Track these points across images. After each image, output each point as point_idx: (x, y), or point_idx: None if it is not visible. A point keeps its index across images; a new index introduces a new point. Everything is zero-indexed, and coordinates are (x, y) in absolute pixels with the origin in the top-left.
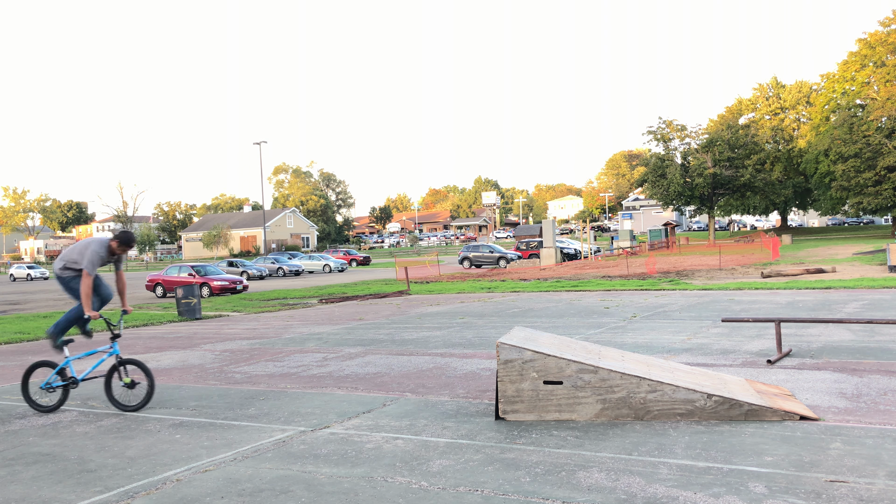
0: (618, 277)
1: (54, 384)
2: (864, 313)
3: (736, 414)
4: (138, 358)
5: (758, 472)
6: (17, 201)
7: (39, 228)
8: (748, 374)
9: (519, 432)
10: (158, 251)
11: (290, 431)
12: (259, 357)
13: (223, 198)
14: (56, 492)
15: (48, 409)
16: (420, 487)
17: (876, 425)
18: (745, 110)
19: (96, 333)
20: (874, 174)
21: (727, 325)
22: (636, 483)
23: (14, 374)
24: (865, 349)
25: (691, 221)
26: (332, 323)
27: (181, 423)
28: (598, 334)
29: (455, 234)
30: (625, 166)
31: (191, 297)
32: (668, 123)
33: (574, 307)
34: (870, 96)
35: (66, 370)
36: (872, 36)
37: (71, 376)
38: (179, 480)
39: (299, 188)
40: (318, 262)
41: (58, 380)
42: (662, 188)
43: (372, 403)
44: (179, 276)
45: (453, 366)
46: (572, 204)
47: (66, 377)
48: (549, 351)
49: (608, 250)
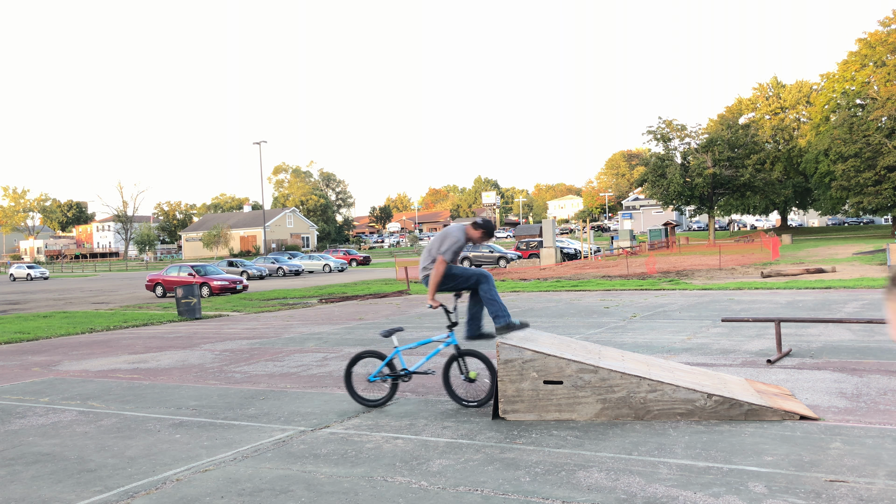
0: (618, 277)
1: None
2: (864, 313)
3: (736, 414)
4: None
5: (758, 472)
6: (17, 201)
7: (39, 228)
8: (748, 373)
9: (519, 432)
10: (158, 251)
11: (290, 431)
12: (259, 357)
13: (223, 198)
14: (56, 491)
15: (376, 404)
16: (420, 487)
17: (876, 425)
18: (745, 110)
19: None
20: (874, 174)
21: (727, 324)
22: (636, 483)
23: (14, 374)
24: (865, 349)
25: (691, 221)
26: (332, 323)
27: (181, 423)
28: (598, 334)
29: None
30: (625, 166)
31: (191, 296)
32: (668, 123)
33: (574, 307)
34: (870, 96)
35: (396, 361)
36: (872, 36)
37: (402, 368)
38: (179, 480)
39: (299, 188)
40: (317, 261)
41: (387, 371)
42: (662, 188)
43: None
44: (179, 275)
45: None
46: (572, 204)
47: (395, 369)
48: (549, 350)
49: (608, 250)
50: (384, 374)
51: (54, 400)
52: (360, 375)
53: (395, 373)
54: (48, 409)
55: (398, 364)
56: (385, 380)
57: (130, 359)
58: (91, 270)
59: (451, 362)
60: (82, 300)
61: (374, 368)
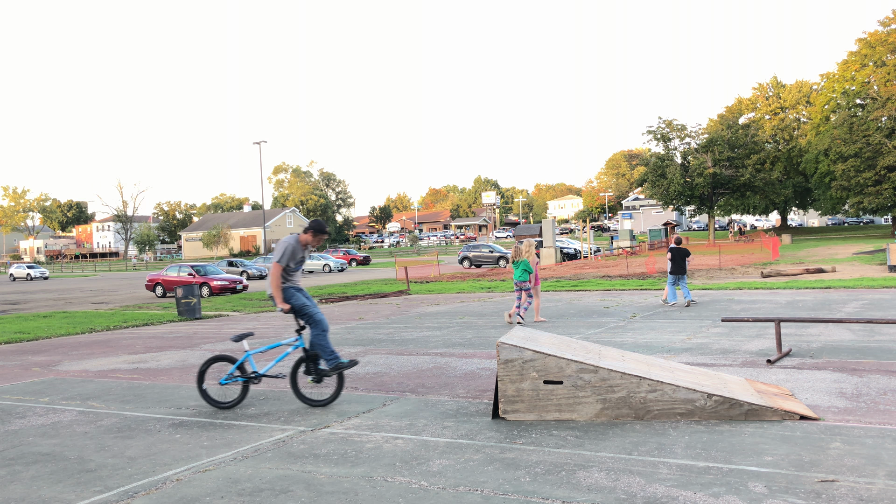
0: (618, 277)
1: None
2: (864, 313)
3: (736, 414)
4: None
5: (758, 472)
6: (16, 201)
7: (39, 228)
8: (748, 373)
9: (519, 432)
10: (158, 251)
11: (290, 431)
12: (259, 357)
13: (223, 197)
14: (56, 491)
15: (227, 406)
16: (420, 487)
17: (876, 425)
18: (745, 110)
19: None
20: (874, 174)
21: (727, 324)
22: (636, 483)
23: (14, 374)
24: (865, 349)
25: (691, 221)
26: (332, 323)
27: (181, 423)
28: (598, 334)
29: (455, 234)
30: (625, 166)
31: (190, 296)
32: (668, 123)
33: (574, 307)
34: (870, 96)
35: (247, 365)
36: (872, 35)
37: (252, 371)
38: (179, 480)
39: (299, 188)
40: (317, 261)
41: (238, 374)
42: (662, 188)
43: (372, 403)
44: (179, 275)
45: (453, 365)
46: (572, 204)
47: (246, 372)
48: (550, 350)
49: (608, 250)
50: (235, 377)
51: (54, 400)
52: (213, 379)
53: (245, 375)
54: (48, 409)
55: (249, 367)
56: (236, 382)
57: (130, 359)
58: (91, 270)
59: (298, 364)
60: (82, 300)
61: (225, 373)
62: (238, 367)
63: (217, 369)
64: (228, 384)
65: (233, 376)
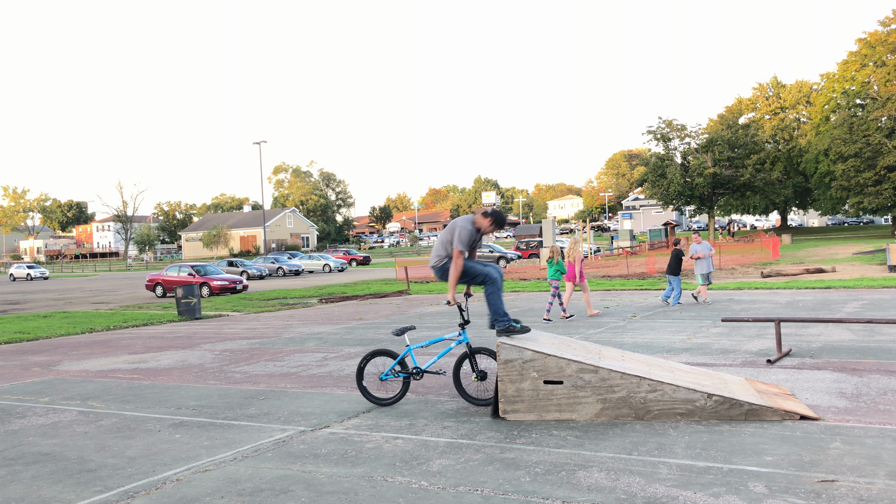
0: (618, 277)
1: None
2: (864, 313)
3: (736, 414)
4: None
5: (758, 472)
6: (16, 201)
7: (39, 228)
8: (748, 373)
9: (519, 432)
10: (158, 251)
11: (290, 431)
12: (259, 357)
13: (223, 197)
14: (56, 491)
15: (387, 403)
16: (420, 487)
17: (876, 425)
18: (745, 110)
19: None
20: (874, 174)
21: (727, 324)
22: (636, 483)
23: (14, 374)
24: (865, 349)
25: (691, 221)
26: (332, 323)
27: (181, 423)
28: (598, 334)
29: None
30: (625, 166)
31: (191, 296)
32: (668, 123)
33: (574, 307)
34: (870, 96)
35: (408, 360)
36: (872, 35)
37: (414, 367)
38: (179, 480)
39: (299, 188)
40: (317, 261)
41: (399, 370)
42: (662, 188)
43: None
44: (179, 275)
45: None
46: (572, 204)
47: (408, 368)
48: (550, 350)
49: (608, 250)
50: (396, 372)
51: (54, 400)
52: (372, 374)
53: (406, 371)
54: (48, 409)
55: (410, 362)
56: (397, 377)
57: (130, 359)
58: (91, 270)
59: (461, 361)
60: (82, 300)
61: (385, 367)
62: (399, 361)
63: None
64: (389, 379)
65: (394, 371)
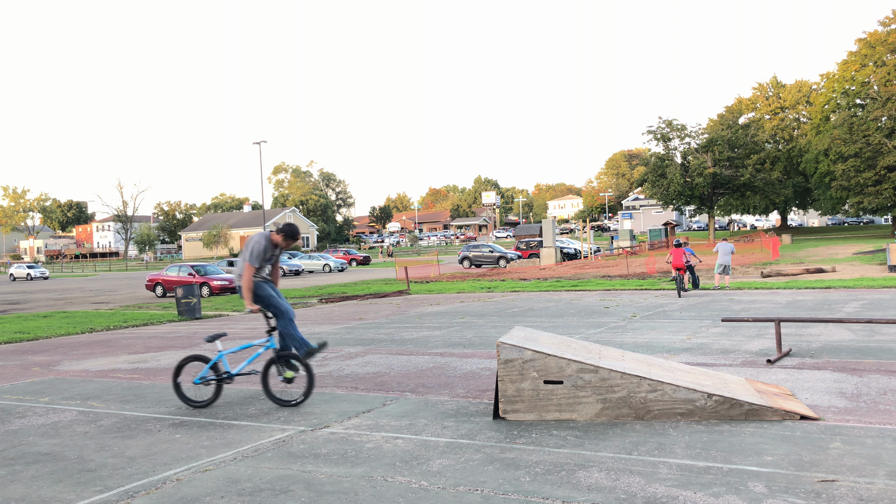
0: (618, 277)
1: (209, 379)
2: (864, 313)
3: (736, 413)
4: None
5: (758, 472)
6: (16, 201)
7: (39, 228)
8: (748, 373)
9: (519, 432)
10: (158, 251)
11: (290, 431)
12: (232, 357)
13: (223, 197)
14: (56, 491)
15: (200, 405)
16: (420, 487)
17: (876, 425)
18: (745, 110)
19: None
20: (874, 174)
21: (727, 324)
22: (636, 483)
23: (14, 373)
24: (865, 349)
25: (691, 221)
26: (332, 322)
27: (181, 423)
28: (598, 334)
29: (455, 234)
30: (625, 166)
31: (191, 296)
32: (668, 123)
33: (574, 307)
34: (870, 96)
35: (220, 365)
36: (872, 35)
37: (225, 371)
38: (179, 480)
39: (299, 188)
40: (317, 261)
41: (211, 374)
42: (662, 188)
43: (372, 403)
44: (179, 275)
45: (453, 365)
46: (572, 204)
47: (219, 372)
48: (550, 350)
49: (608, 250)
50: (208, 378)
51: (54, 400)
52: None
53: (218, 375)
54: (48, 408)
55: (222, 367)
56: (209, 382)
57: (130, 359)
58: (91, 270)
59: (269, 365)
60: (82, 300)
61: (199, 372)
62: (211, 367)
63: (192, 369)
64: (201, 384)
65: (206, 378)
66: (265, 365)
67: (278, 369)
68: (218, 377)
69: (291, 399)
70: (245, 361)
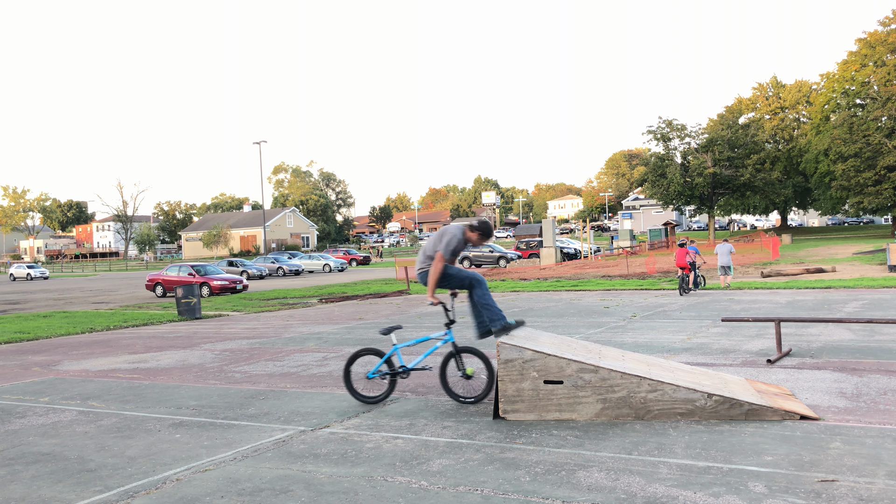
0: (618, 277)
1: (384, 373)
2: (864, 313)
3: (736, 413)
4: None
5: (758, 472)
6: (16, 201)
7: (39, 228)
8: (748, 373)
9: (519, 432)
10: (158, 251)
11: (290, 431)
12: (259, 356)
13: (223, 197)
14: (56, 491)
15: (374, 401)
16: (420, 487)
17: (876, 425)
18: (745, 110)
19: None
20: (874, 174)
21: (727, 324)
22: (636, 482)
23: (14, 373)
24: (865, 349)
25: (691, 221)
26: (332, 322)
27: (181, 423)
28: (598, 334)
29: None
30: (625, 166)
31: (191, 296)
32: (668, 123)
33: (574, 306)
34: (870, 96)
35: (394, 359)
36: (872, 35)
37: (400, 366)
38: (179, 480)
39: (299, 188)
40: (317, 261)
41: (385, 369)
42: (662, 188)
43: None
44: (179, 275)
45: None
46: (572, 204)
47: (394, 367)
48: (550, 350)
49: (608, 250)
50: (382, 372)
51: (54, 400)
52: (359, 373)
53: (393, 370)
54: (48, 408)
55: (396, 361)
56: (384, 377)
57: (130, 359)
58: (91, 270)
59: (448, 359)
60: (82, 300)
61: (372, 366)
62: (385, 361)
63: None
64: (375, 378)
65: (380, 371)
66: (443, 360)
67: (458, 364)
68: (392, 372)
69: (472, 395)
70: (421, 356)
